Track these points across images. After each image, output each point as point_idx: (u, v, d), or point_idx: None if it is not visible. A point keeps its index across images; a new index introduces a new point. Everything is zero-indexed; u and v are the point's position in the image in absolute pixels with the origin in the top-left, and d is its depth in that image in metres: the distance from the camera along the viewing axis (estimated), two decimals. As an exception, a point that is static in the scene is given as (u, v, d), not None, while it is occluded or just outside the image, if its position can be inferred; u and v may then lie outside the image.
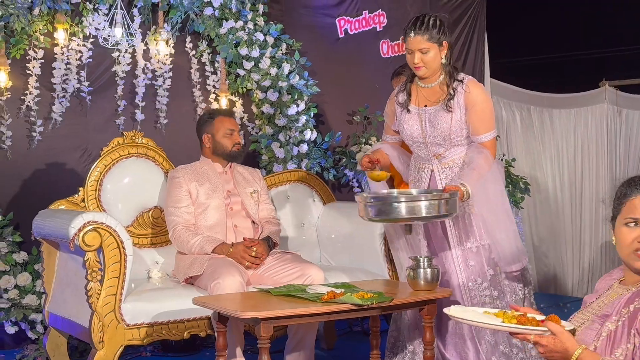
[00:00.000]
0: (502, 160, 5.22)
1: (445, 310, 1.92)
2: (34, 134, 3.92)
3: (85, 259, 2.71)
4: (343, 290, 2.64)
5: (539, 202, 5.34)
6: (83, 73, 4.03)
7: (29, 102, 3.90)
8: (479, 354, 2.84)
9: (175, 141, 4.16)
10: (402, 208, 2.63)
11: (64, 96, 3.98)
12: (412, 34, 2.80)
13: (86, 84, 4.02)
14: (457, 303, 2.86)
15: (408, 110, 2.92)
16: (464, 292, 2.85)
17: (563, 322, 1.78)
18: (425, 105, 2.89)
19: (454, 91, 2.83)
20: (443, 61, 2.84)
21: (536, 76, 6.49)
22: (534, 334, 1.72)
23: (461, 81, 2.85)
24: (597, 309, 1.84)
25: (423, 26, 2.78)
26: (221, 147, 3.37)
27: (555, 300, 4.98)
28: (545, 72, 7.10)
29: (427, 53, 2.80)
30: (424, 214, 2.63)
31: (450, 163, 2.90)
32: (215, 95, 4.41)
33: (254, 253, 3.11)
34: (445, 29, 2.82)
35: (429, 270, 2.70)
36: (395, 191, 2.90)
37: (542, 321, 1.74)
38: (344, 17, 4.93)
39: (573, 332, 1.78)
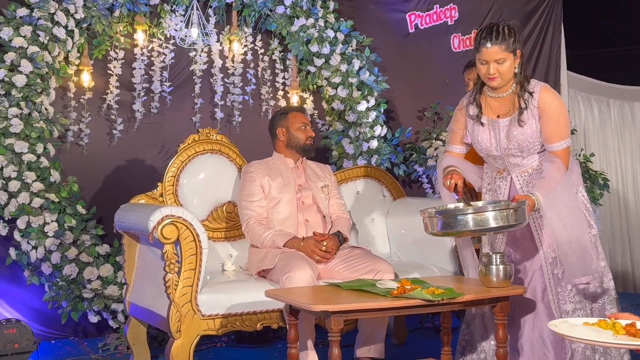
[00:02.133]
0: (579, 155, 5.07)
1: (552, 325, 1.84)
2: (114, 131, 4.10)
3: (163, 251, 2.82)
4: (413, 285, 2.64)
5: (616, 199, 5.16)
6: (163, 73, 4.18)
7: (109, 101, 4.09)
8: (562, 358, 2.77)
9: (247, 138, 4.26)
10: (470, 221, 2.58)
11: (143, 95, 4.14)
12: (488, 45, 2.70)
13: (167, 84, 4.17)
14: (532, 303, 2.81)
15: (481, 123, 2.86)
16: (552, 294, 2.79)
17: None
18: (498, 117, 2.83)
19: (525, 104, 2.76)
20: (516, 70, 2.76)
21: (617, 69, 6.25)
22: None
23: (532, 93, 2.77)
24: None
25: (500, 36, 2.69)
26: (295, 140, 3.43)
27: (635, 299, 4.80)
28: (627, 65, 6.81)
29: (503, 63, 2.72)
30: (492, 225, 2.57)
31: (530, 170, 2.85)
32: (285, 92, 4.48)
33: (324, 247, 3.15)
34: (519, 37, 2.74)
35: (501, 267, 2.66)
36: (460, 204, 2.80)
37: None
38: (415, 11, 4.90)
39: None
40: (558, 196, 2.72)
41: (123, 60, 4.11)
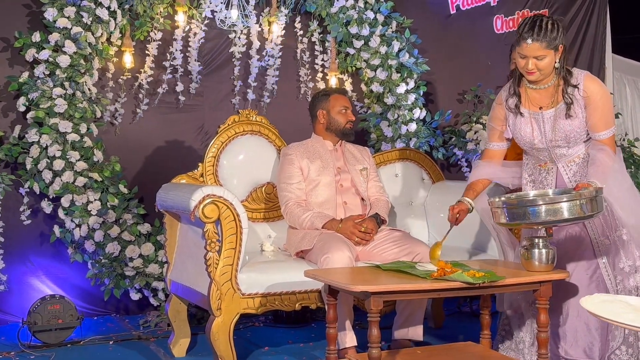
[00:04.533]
0: (623, 140, 4.95)
1: (583, 302, 1.73)
2: (158, 112, 4.14)
3: (204, 230, 2.85)
4: (454, 268, 2.62)
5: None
6: (202, 55, 4.21)
7: (150, 81, 4.12)
8: (607, 344, 2.73)
9: (285, 120, 4.27)
10: (542, 211, 2.48)
11: (182, 77, 4.17)
12: (529, 41, 2.63)
13: (202, 64, 4.20)
14: (576, 288, 2.77)
15: (521, 114, 2.80)
16: (612, 279, 2.75)
17: None
18: (540, 109, 2.77)
19: (570, 99, 2.70)
20: (557, 65, 2.69)
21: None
22: None
23: (576, 86, 2.71)
24: None
25: (541, 32, 2.61)
26: (335, 123, 3.42)
27: None
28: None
29: (542, 60, 2.66)
30: (566, 216, 2.48)
31: (577, 159, 2.80)
32: (323, 74, 4.47)
33: (363, 229, 3.15)
34: (562, 33, 2.66)
35: (544, 251, 2.61)
36: (531, 193, 2.74)
37: None
38: (457, -8, 4.82)
39: None
40: (618, 182, 2.67)
41: (159, 42, 4.13)
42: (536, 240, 2.63)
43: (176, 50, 4.14)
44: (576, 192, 2.53)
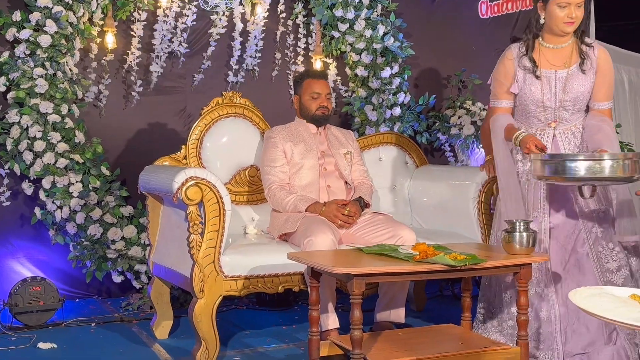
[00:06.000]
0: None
1: (571, 295, 1.69)
2: (133, 94, 4.10)
3: (187, 212, 2.83)
4: (436, 251, 2.64)
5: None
6: (184, 35, 4.16)
7: (131, 62, 4.08)
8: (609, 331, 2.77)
9: (268, 103, 4.25)
10: (582, 168, 2.49)
11: (164, 58, 4.13)
12: None
13: (185, 45, 4.16)
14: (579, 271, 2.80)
15: (535, 74, 2.81)
16: (593, 257, 2.79)
17: None
18: (554, 68, 2.80)
19: (585, 55, 2.76)
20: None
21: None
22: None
23: (590, 45, 2.79)
24: None
25: None
26: (306, 109, 3.40)
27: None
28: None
29: (580, 7, 2.71)
30: (606, 174, 2.48)
31: (573, 128, 2.84)
32: (307, 57, 4.44)
33: (346, 212, 3.15)
34: None
35: (525, 234, 2.64)
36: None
37: None
38: (442, -24, 4.81)
39: None
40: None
41: (145, 22, 4.09)
42: (517, 223, 2.65)
43: (161, 31, 4.09)
44: (620, 153, 2.60)
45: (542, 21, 2.80)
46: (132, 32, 4.07)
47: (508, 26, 4.87)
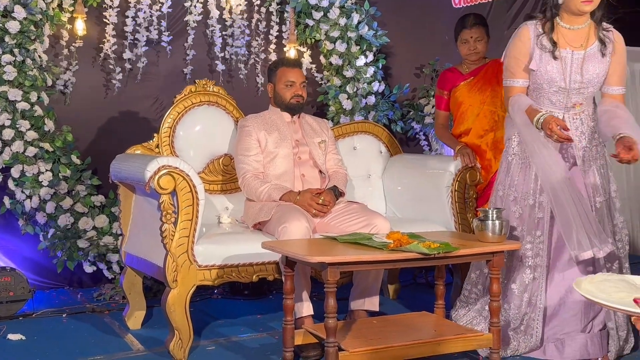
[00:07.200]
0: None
1: (580, 281, 1.62)
2: (111, 81, 4.04)
3: (160, 201, 2.80)
4: (410, 239, 2.65)
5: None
6: (160, 23, 4.10)
7: (106, 50, 4.02)
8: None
9: (243, 91, 4.22)
10: None
11: (136, 45, 4.07)
12: None
13: (160, 33, 4.10)
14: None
15: (553, 53, 2.78)
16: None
17: None
18: (571, 49, 2.78)
19: (604, 38, 2.78)
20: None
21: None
22: (632, 315, 1.49)
23: (607, 30, 2.80)
24: None
25: None
26: (280, 98, 3.39)
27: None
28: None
29: None
30: None
31: (582, 115, 2.83)
32: (283, 45, 4.42)
33: (321, 201, 3.15)
34: None
35: (497, 222, 2.67)
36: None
37: (636, 300, 1.48)
38: (416, -35, 4.81)
39: None
40: None
41: (118, 9, 4.02)
42: (490, 212, 2.67)
43: (130, 17, 4.03)
44: None
45: (560, 1, 2.77)
46: (105, 19, 3.99)
47: (481, 16, 4.89)
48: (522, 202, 2.89)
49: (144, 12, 4.06)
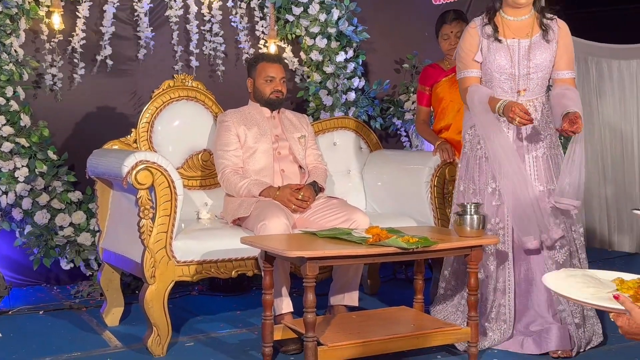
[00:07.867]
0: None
1: (548, 276, 1.62)
2: (81, 76, 3.98)
3: (137, 197, 2.78)
4: (389, 233, 2.65)
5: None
6: (138, 16, 4.06)
7: (75, 44, 3.96)
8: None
9: (223, 86, 4.19)
10: None
11: (115, 39, 4.03)
12: None
13: (137, 27, 4.06)
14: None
15: (498, 40, 2.90)
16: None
17: None
18: (517, 38, 2.90)
19: (546, 27, 2.90)
20: None
21: (593, 29, 6.24)
22: (611, 312, 1.45)
23: (552, 19, 2.92)
24: None
25: None
26: (259, 93, 3.37)
27: (600, 254, 4.90)
28: (603, 24, 6.81)
29: None
30: None
31: (535, 102, 2.91)
32: (261, 40, 4.39)
33: (300, 196, 3.15)
34: None
35: (475, 216, 2.68)
36: None
37: (616, 296, 1.43)
38: (396, -39, 4.81)
39: None
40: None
41: (91, 3, 3.97)
42: (468, 206, 2.69)
43: (107, 11, 3.98)
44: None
45: None
46: (78, 13, 3.94)
47: (460, 12, 4.90)
48: (482, 192, 2.94)
49: (120, 6, 4.01)
